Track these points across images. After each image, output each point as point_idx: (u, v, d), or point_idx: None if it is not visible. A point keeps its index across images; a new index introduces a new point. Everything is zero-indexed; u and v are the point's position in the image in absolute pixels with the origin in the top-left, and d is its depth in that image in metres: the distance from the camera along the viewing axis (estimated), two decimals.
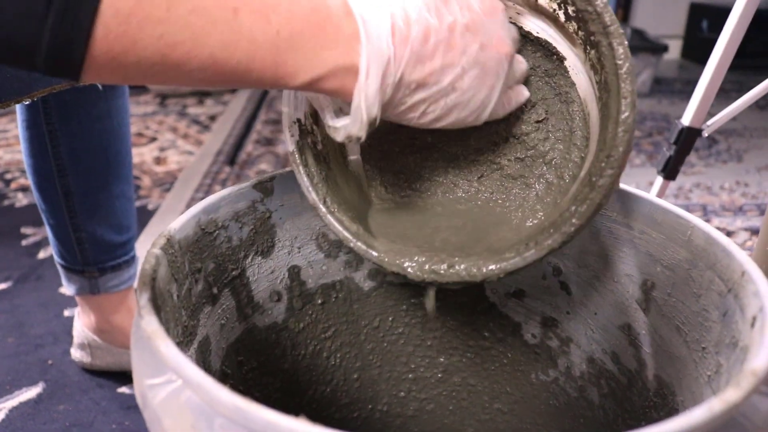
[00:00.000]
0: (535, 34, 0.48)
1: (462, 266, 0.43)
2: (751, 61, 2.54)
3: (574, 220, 0.40)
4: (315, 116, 0.47)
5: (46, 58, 0.30)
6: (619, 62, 0.40)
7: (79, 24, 0.29)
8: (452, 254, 0.45)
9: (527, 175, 0.51)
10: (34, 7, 0.28)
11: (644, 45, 2.54)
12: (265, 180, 0.50)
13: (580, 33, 0.44)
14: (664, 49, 2.51)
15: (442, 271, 0.44)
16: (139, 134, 1.95)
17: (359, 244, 0.46)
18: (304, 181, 0.46)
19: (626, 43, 0.40)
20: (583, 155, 0.48)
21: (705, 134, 0.92)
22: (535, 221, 0.48)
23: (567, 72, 0.49)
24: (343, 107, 0.42)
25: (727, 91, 2.37)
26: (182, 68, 0.33)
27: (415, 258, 0.44)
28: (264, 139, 1.92)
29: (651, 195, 0.48)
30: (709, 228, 0.43)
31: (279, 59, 0.35)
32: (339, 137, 0.41)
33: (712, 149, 1.91)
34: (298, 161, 0.46)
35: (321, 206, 0.46)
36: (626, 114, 0.39)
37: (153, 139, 1.92)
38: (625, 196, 0.48)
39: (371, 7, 0.37)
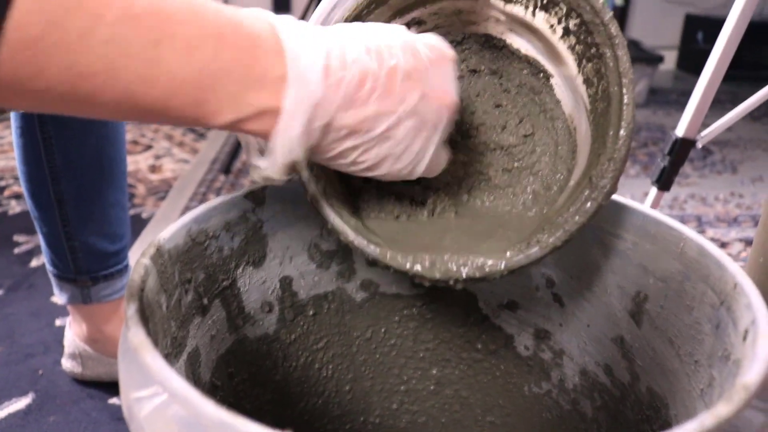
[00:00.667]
0: (524, 52, 0.49)
1: (466, 264, 0.43)
2: (745, 72, 2.55)
3: (577, 218, 0.41)
4: (291, 167, 0.47)
5: None
6: (623, 70, 0.41)
7: None
8: (456, 252, 0.44)
9: (515, 186, 0.51)
10: None
11: (640, 56, 2.55)
12: (257, 189, 0.50)
13: (577, 47, 0.44)
14: (660, 59, 2.53)
15: (451, 268, 0.43)
16: (135, 142, 1.94)
17: (360, 239, 0.44)
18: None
19: (628, 53, 0.42)
20: (569, 168, 0.49)
21: (699, 145, 0.92)
22: (525, 228, 0.48)
23: (553, 89, 0.49)
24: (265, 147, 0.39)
25: (721, 102, 2.38)
26: (95, 100, 0.30)
27: (422, 256, 0.43)
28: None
29: (644, 206, 0.47)
30: (702, 240, 0.42)
31: (200, 97, 0.32)
32: (256, 176, 0.38)
33: (706, 160, 1.92)
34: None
35: (321, 199, 0.45)
36: (629, 120, 0.41)
37: (148, 147, 1.92)
38: (618, 207, 0.48)
39: (305, 43, 0.35)
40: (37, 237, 1.30)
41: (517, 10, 0.46)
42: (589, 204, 0.41)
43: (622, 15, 3.14)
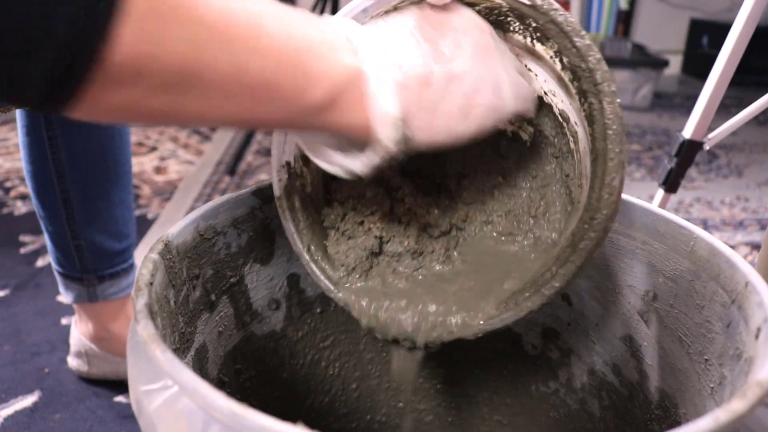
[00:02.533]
0: (546, 98, 0.46)
1: (436, 328, 0.43)
2: (751, 77, 2.54)
3: (554, 283, 0.40)
4: (306, 158, 0.46)
5: (55, 50, 0.26)
6: (608, 122, 0.38)
7: (102, 12, 0.26)
8: (421, 307, 0.44)
9: (516, 232, 0.49)
10: None
11: (645, 60, 2.55)
12: (265, 187, 0.50)
13: (574, 84, 0.42)
14: (665, 64, 2.52)
15: (424, 332, 0.43)
16: (140, 144, 1.95)
17: (339, 295, 0.45)
18: (289, 227, 0.46)
19: (617, 101, 0.38)
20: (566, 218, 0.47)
21: (706, 147, 0.92)
22: (519, 277, 0.46)
23: (567, 136, 0.46)
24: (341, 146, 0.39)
25: (727, 107, 2.37)
26: (203, 80, 0.30)
27: (380, 307, 0.43)
28: (264, 149, 1.91)
29: (653, 205, 0.47)
30: (711, 239, 0.42)
31: (299, 65, 0.33)
32: (358, 167, 0.38)
33: (712, 164, 1.91)
34: (285, 206, 0.46)
35: (305, 254, 0.46)
36: (611, 176, 0.38)
37: (153, 149, 1.92)
38: (628, 206, 0.48)
39: (357, 27, 0.37)
40: (43, 237, 1.31)
41: (518, 37, 0.44)
42: (565, 268, 0.40)
43: (627, 19, 3.13)
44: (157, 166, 1.78)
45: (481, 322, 0.42)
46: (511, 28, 0.44)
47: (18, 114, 0.79)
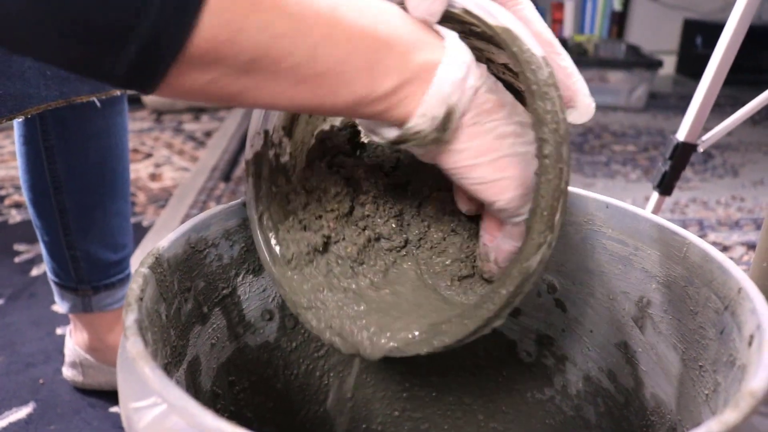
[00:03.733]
0: None
1: (366, 337, 0.42)
2: (745, 76, 2.55)
3: (444, 338, 0.39)
4: (289, 129, 0.46)
5: (145, 36, 0.27)
6: (538, 198, 0.35)
7: (187, 3, 0.27)
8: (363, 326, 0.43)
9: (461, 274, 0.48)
10: None
11: (639, 60, 2.55)
12: None
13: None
14: (659, 64, 2.53)
15: (338, 340, 0.42)
16: (135, 150, 1.94)
17: (274, 271, 0.44)
18: (250, 191, 0.45)
19: (559, 178, 0.35)
20: None
21: (700, 149, 0.91)
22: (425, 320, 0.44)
23: None
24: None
25: (721, 106, 2.38)
26: (278, 66, 0.31)
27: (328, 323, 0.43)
28: None
29: (647, 211, 0.47)
30: (705, 244, 0.42)
31: (373, 59, 0.33)
32: (396, 137, 0.38)
33: (707, 164, 1.92)
34: (251, 172, 0.45)
35: (255, 221, 0.45)
36: (527, 255, 0.36)
37: (148, 155, 1.92)
38: (621, 212, 0.48)
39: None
40: (37, 246, 1.30)
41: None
42: (461, 327, 0.39)
43: (621, 20, 3.14)
44: (152, 173, 1.78)
45: (387, 342, 0.41)
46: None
47: (15, 124, 0.79)
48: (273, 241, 0.45)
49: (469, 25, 0.38)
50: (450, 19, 0.38)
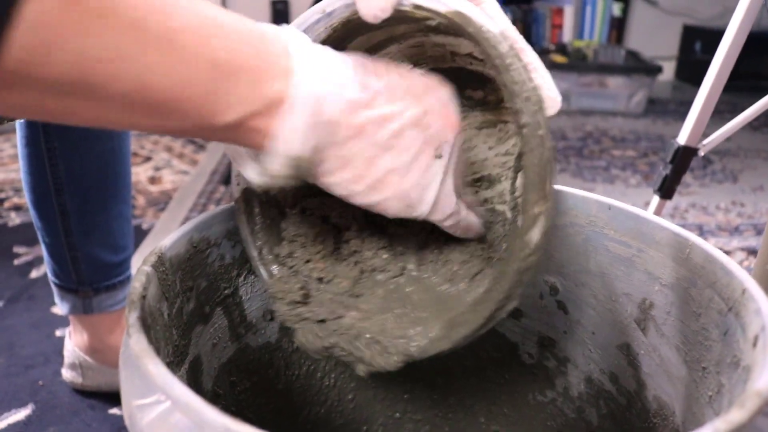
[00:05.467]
0: None
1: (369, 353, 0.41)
2: (744, 82, 2.55)
3: (461, 330, 0.39)
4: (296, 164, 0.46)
5: None
6: (527, 169, 0.35)
7: None
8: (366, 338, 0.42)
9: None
10: None
11: (638, 66, 2.56)
12: None
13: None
14: (659, 70, 2.53)
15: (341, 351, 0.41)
16: (134, 154, 1.94)
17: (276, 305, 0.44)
18: (244, 230, 0.46)
19: (544, 146, 0.35)
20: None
21: (701, 153, 0.92)
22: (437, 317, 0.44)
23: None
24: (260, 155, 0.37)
25: (721, 112, 2.39)
26: (103, 92, 0.28)
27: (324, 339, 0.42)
28: None
29: (649, 213, 0.47)
30: (708, 246, 0.42)
31: (211, 89, 0.31)
32: (256, 179, 0.37)
33: (707, 169, 1.92)
34: (242, 210, 0.46)
35: (255, 257, 0.46)
36: (527, 229, 0.35)
37: (148, 159, 1.92)
38: (623, 214, 0.48)
39: (310, 46, 0.35)
40: (37, 248, 1.30)
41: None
42: (476, 315, 0.38)
43: (620, 25, 3.15)
44: (151, 176, 1.77)
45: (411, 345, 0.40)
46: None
47: (18, 125, 0.78)
48: (275, 270, 0.45)
49: (424, 21, 0.38)
50: (403, 18, 0.38)
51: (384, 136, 0.37)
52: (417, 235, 0.49)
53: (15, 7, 0.24)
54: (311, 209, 0.48)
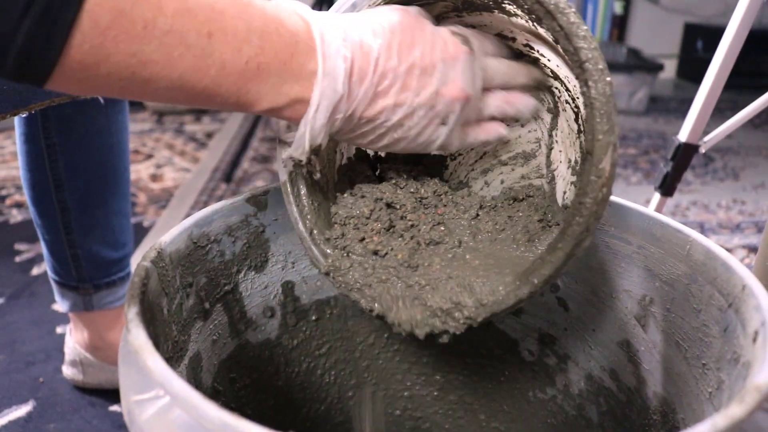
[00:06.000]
0: (551, 63, 0.46)
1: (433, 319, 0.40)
2: (745, 80, 2.55)
3: (543, 271, 0.39)
4: (316, 148, 0.47)
5: (15, 59, 0.30)
6: (594, 101, 0.36)
7: (57, 30, 0.29)
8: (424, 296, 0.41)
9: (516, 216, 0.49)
10: (12, 6, 0.28)
11: (640, 64, 2.55)
12: (259, 194, 0.50)
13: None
14: (660, 68, 2.53)
15: (415, 316, 0.41)
16: (136, 151, 1.94)
17: (340, 279, 0.44)
18: (293, 211, 0.46)
19: (606, 80, 0.36)
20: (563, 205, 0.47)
21: (702, 150, 0.91)
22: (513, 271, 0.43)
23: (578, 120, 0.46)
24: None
25: (722, 110, 2.38)
26: (149, 86, 0.33)
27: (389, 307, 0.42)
28: (260, 156, 1.91)
29: (649, 209, 0.47)
30: (708, 242, 0.42)
31: (243, 88, 0.36)
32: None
33: (708, 167, 1.92)
34: (289, 191, 0.46)
35: (307, 238, 0.46)
36: (599, 158, 0.36)
37: (149, 156, 1.92)
38: (623, 210, 0.48)
39: (335, 42, 0.38)
40: (38, 245, 1.30)
41: (520, 21, 0.44)
42: (556, 254, 0.38)
43: (621, 23, 3.14)
44: (153, 174, 1.77)
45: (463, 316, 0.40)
46: (512, 11, 0.43)
47: (16, 121, 0.78)
48: (329, 251, 0.45)
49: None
50: None
51: (395, 119, 0.41)
52: (468, 212, 0.49)
53: (75, 19, 0.29)
54: (363, 193, 0.48)
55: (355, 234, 0.46)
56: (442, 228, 0.48)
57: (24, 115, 0.76)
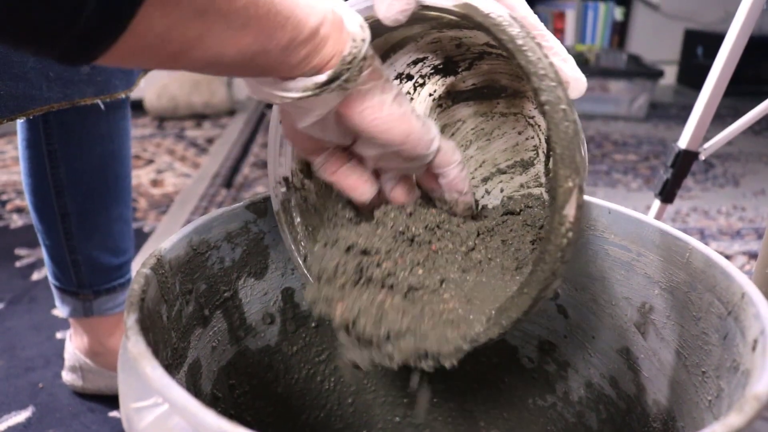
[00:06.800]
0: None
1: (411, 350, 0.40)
2: (745, 87, 2.55)
3: (511, 314, 0.39)
4: (307, 171, 0.46)
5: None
6: (554, 144, 0.35)
7: None
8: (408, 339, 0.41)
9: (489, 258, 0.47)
10: None
11: (640, 70, 2.56)
12: (259, 201, 0.50)
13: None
14: (660, 74, 2.53)
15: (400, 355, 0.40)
16: (137, 156, 1.95)
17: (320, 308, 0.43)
18: (287, 239, 0.46)
19: (568, 120, 0.35)
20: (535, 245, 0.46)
21: (702, 157, 0.92)
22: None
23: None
24: None
25: (722, 117, 2.38)
26: (229, 6, 0.33)
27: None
28: (261, 162, 1.91)
29: (649, 217, 0.47)
30: (707, 250, 0.42)
31: (296, 3, 0.36)
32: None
33: (708, 174, 1.92)
34: (283, 221, 0.46)
35: (301, 265, 0.46)
36: (561, 204, 0.35)
37: (150, 162, 1.92)
38: (623, 217, 0.48)
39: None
40: (38, 251, 1.30)
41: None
42: (522, 298, 0.38)
43: (622, 30, 3.15)
44: (153, 179, 1.78)
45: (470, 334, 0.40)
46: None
47: (19, 127, 0.79)
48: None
49: (437, 19, 0.39)
50: (417, 18, 0.39)
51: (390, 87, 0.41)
52: (465, 243, 0.48)
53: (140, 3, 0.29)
54: (337, 238, 0.46)
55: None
56: (420, 271, 0.46)
57: (26, 122, 0.76)
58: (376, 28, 0.41)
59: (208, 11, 0.32)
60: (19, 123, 0.78)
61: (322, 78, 0.39)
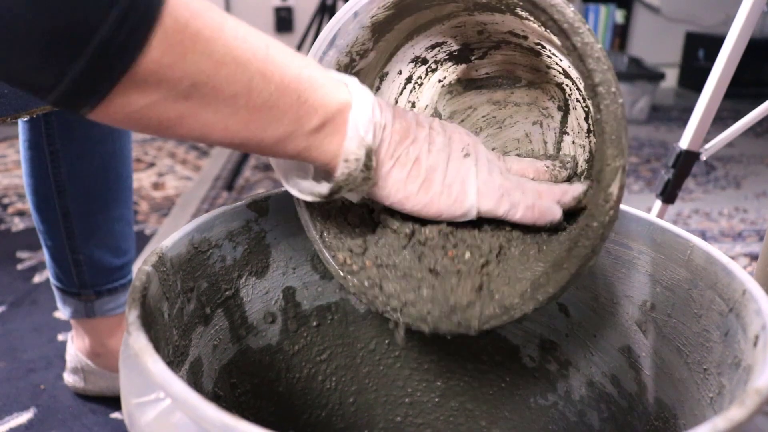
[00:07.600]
0: (560, 64, 0.46)
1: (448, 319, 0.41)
2: (746, 89, 2.55)
3: (548, 288, 0.39)
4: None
5: (95, 49, 0.28)
6: (605, 125, 0.36)
7: (141, 22, 0.28)
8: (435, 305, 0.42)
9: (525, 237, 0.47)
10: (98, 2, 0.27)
11: (641, 73, 2.56)
12: (260, 199, 0.50)
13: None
14: (661, 77, 2.53)
15: (424, 320, 0.41)
16: (138, 160, 1.95)
17: (354, 281, 0.44)
18: (303, 215, 0.46)
19: (618, 103, 0.36)
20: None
21: (703, 158, 0.92)
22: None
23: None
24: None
25: (723, 119, 2.39)
26: (217, 94, 0.33)
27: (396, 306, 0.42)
28: (262, 164, 1.92)
29: (650, 215, 0.47)
30: (708, 247, 0.42)
31: (302, 96, 0.36)
32: (307, 195, 0.41)
33: (710, 176, 1.92)
34: (302, 202, 0.46)
35: (318, 241, 0.46)
36: (607, 182, 0.36)
37: (151, 165, 1.92)
38: (624, 216, 0.48)
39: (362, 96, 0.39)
40: (40, 253, 1.30)
41: (533, 25, 0.43)
42: (561, 273, 0.39)
43: (623, 32, 3.15)
44: (155, 182, 1.78)
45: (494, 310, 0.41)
46: (524, 15, 0.42)
47: (20, 128, 0.79)
48: (340, 255, 0.45)
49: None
50: None
51: (421, 135, 0.41)
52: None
53: (156, 17, 0.29)
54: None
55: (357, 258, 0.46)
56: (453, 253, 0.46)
57: (28, 122, 0.76)
58: (410, 4, 0.42)
59: (192, 96, 0.32)
60: (21, 124, 0.78)
61: (324, 190, 0.40)
